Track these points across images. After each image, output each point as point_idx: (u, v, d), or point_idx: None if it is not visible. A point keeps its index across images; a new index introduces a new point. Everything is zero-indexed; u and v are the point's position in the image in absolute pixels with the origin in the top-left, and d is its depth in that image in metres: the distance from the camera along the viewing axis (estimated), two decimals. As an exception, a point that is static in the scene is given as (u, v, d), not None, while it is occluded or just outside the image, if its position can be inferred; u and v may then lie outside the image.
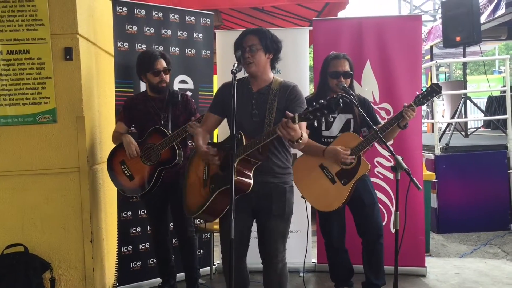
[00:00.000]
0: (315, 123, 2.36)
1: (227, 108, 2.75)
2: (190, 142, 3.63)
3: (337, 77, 3.28)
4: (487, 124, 9.94)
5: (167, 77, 3.48)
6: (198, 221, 4.09)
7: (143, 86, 3.78)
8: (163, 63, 3.45)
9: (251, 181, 2.62)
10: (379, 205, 3.60)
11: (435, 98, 3.39)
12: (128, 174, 3.45)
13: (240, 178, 2.58)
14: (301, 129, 2.55)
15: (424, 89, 3.40)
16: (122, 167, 3.46)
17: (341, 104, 2.29)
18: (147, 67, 3.42)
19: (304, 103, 2.76)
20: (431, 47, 10.34)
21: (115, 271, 3.79)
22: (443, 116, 10.12)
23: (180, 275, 3.81)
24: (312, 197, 3.32)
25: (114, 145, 3.54)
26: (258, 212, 2.79)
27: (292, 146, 2.62)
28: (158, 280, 3.83)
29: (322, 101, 2.31)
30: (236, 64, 2.61)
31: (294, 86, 2.79)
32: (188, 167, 3.03)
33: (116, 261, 3.79)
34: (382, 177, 4.12)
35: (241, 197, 2.57)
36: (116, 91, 3.82)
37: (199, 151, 2.78)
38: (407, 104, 3.21)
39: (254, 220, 2.88)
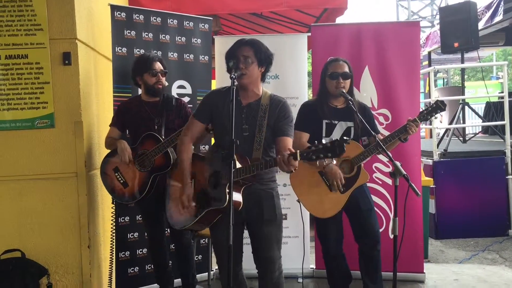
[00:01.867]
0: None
1: (216, 116, 2.76)
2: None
3: (336, 78, 3.28)
4: (485, 130, 9.95)
5: (163, 80, 3.48)
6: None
7: (140, 91, 3.77)
8: (160, 66, 3.48)
9: (240, 200, 2.62)
10: (378, 210, 3.59)
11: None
12: (122, 181, 3.43)
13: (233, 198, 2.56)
14: (289, 144, 2.65)
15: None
16: (116, 174, 3.44)
17: (344, 149, 2.30)
18: (144, 68, 3.44)
19: (292, 122, 2.80)
20: (429, 52, 10.36)
21: (109, 277, 3.76)
22: (441, 122, 10.12)
23: (178, 281, 3.79)
24: (309, 202, 3.32)
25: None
26: (249, 221, 2.77)
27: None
28: (155, 286, 3.81)
29: (326, 143, 2.31)
30: (237, 70, 2.60)
31: (284, 102, 2.79)
32: (172, 171, 3.02)
33: (110, 267, 3.76)
34: (380, 182, 4.12)
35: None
36: (114, 96, 3.82)
37: (184, 186, 2.76)
38: (411, 118, 3.21)
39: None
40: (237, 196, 2.61)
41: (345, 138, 2.32)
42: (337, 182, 3.13)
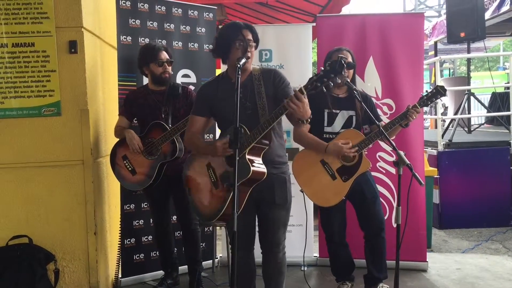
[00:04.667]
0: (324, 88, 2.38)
1: (215, 107, 2.79)
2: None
3: None
4: (491, 121, 9.92)
5: (169, 69, 3.51)
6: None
7: (146, 80, 3.80)
8: (166, 55, 3.49)
9: (265, 170, 2.62)
10: (381, 199, 3.61)
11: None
12: (130, 168, 3.48)
13: (255, 168, 2.57)
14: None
15: (428, 87, 3.41)
16: (125, 161, 3.49)
17: (344, 64, 2.26)
18: (150, 58, 3.46)
19: (290, 84, 2.80)
20: (435, 42, 10.30)
21: (116, 263, 3.83)
22: (446, 111, 10.09)
23: (182, 268, 3.84)
24: (311, 192, 3.33)
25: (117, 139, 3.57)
26: (260, 203, 2.79)
27: (297, 126, 2.65)
28: (160, 272, 3.86)
29: (325, 67, 2.31)
30: (243, 60, 2.60)
31: (275, 69, 2.82)
32: (186, 177, 2.94)
33: (118, 254, 3.83)
34: (384, 171, 4.14)
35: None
36: (119, 85, 3.84)
37: (216, 149, 2.67)
38: (411, 105, 3.21)
39: None
40: (259, 166, 2.61)
41: (340, 55, 2.29)
42: (345, 151, 3.13)
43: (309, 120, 2.56)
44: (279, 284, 2.90)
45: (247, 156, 2.57)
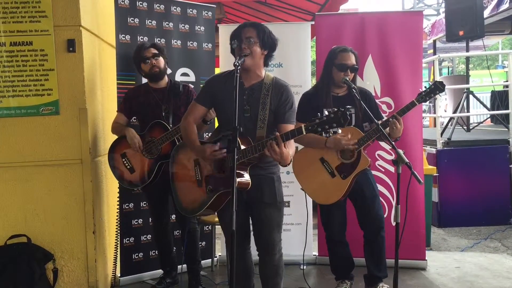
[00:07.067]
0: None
1: (217, 100, 2.77)
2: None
3: (344, 70, 3.27)
4: (490, 119, 9.92)
5: (158, 62, 3.48)
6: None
7: (145, 79, 3.79)
8: (151, 51, 3.47)
9: (249, 180, 2.63)
10: (380, 198, 3.61)
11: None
12: (129, 166, 3.48)
13: (241, 179, 2.58)
14: (290, 146, 2.60)
15: (427, 85, 3.39)
16: (123, 159, 3.49)
17: (348, 117, 2.29)
18: (139, 59, 3.47)
19: (294, 107, 2.78)
20: (434, 41, 10.29)
21: (114, 263, 3.82)
22: (445, 111, 10.08)
23: (180, 267, 3.83)
24: (311, 190, 3.34)
25: (116, 137, 3.56)
26: (250, 204, 2.78)
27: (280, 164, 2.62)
28: (159, 271, 3.86)
29: (330, 113, 2.32)
30: (242, 59, 2.60)
31: (287, 86, 2.79)
32: (172, 164, 2.98)
33: (114, 253, 3.82)
34: (383, 170, 4.14)
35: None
36: (118, 83, 3.83)
37: (204, 152, 2.68)
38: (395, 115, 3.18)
39: None
40: (245, 176, 2.62)
41: (347, 106, 2.30)
42: (345, 143, 3.12)
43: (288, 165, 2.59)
44: (276, 285, 2.88)
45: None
